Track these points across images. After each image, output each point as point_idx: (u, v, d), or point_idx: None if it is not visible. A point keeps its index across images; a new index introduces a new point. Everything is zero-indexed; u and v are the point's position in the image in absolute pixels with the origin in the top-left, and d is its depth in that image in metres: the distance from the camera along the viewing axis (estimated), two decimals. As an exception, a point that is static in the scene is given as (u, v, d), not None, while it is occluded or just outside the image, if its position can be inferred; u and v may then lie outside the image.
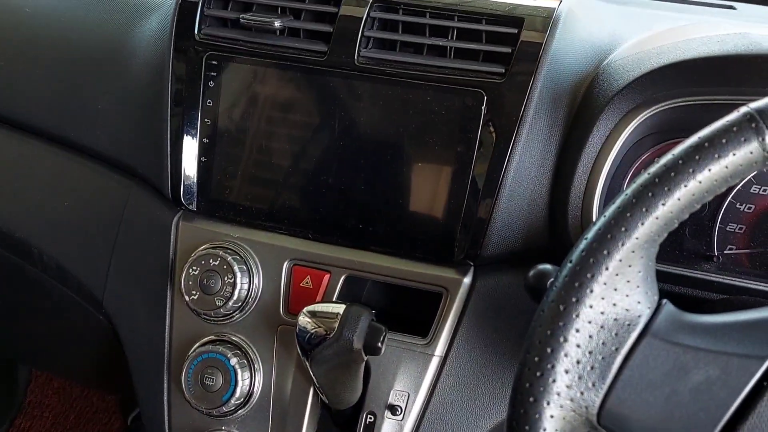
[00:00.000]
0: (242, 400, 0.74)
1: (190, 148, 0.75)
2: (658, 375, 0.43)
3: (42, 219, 0.85)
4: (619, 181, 0.70)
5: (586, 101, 0.69)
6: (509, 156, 0.68)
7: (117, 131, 0.81)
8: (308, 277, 0.74)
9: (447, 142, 0.69)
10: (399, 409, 0.71)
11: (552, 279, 0.47)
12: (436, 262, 0.72)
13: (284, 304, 0.74)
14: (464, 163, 0.69)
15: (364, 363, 0.67)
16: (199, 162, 0.75)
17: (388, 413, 0.71)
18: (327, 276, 0.73)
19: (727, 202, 0.70)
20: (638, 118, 0.66)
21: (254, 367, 0.74)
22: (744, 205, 0.70)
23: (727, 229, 0.70)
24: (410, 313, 0.74)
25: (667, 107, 0.66)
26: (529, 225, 0.70)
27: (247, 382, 0.73)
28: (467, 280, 0.71)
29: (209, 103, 0.74)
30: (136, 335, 0.79)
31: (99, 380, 1.11)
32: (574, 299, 0.44)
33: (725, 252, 0.70)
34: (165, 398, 0.77)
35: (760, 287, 0.65)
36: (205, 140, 0.75)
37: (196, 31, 0.74)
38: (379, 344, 0.64)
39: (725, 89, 0.64)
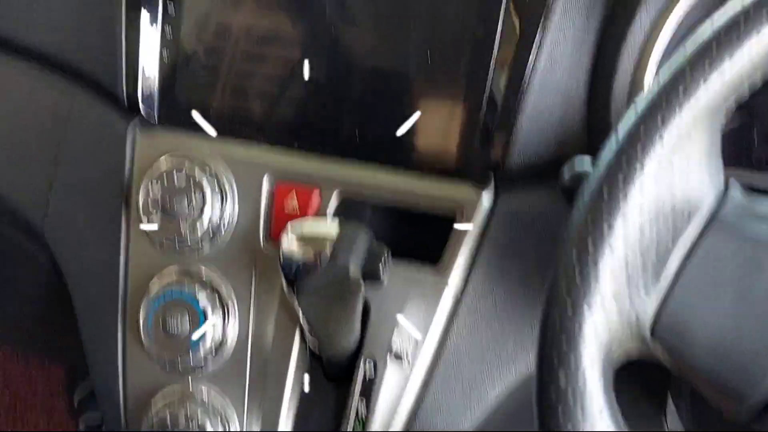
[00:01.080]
0: (213, 348, 0.62)
1: (150, 39, 0.64)
2: (726, 272, 0.37)
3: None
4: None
5: None
6: (539, 41, 0.58)
7: (58, 21, 0.68)
8: (294, 196, 0.62)
9: (461, 25, 0.59)
10: (406, 355, 0.60)
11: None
12: (450, 176, 0.61)
13: (265, 230, 0.63)
14: (484, 51, 0.58)
15: (362, 296, 0.56)
16: (162, 57, 0.64)
17: (392, 360, 0.60)
18: (316, 194, 0.62)
19: None
20: None
21: (228, 308, 0.62)
22: None
23: None
24: (421, 244, 0.63)
25: None
26: (563, 127, 0.60)
27: (219, 326, 0.62)
28: (487, 198, 0.60)
29: (173, -15, 0.63)
30: (83, 270, 0.67)
31: (41, 343, 0.99)
32: (620, 178, 0.37)
33: None
34: (119, 349, 0.65)
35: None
36: (168, 29, 0.64)
37: None
38: (381, 271, 0.55)
39: None
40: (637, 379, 0.58)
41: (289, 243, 0.56)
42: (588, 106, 0.59)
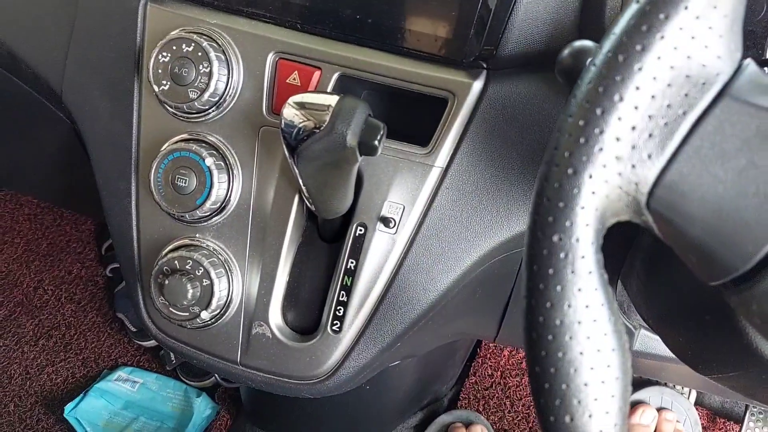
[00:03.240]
0: (218, 205, 0.66)
1: None
2: (734, 144, 0.34)
3: (-11, -2, 0.74)
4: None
5: None
6: None
7: None
8: (295, 73, 0.64)
9: None
10: (392, 222, 0.65)
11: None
12: (444, 63, 0.63)
13: (267, 102, 0.65)
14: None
15: (357, 165, 0.59)
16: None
17: (380, 225, 0.65)
18: (317, 73, 0.64)
19: None
20: None
21: (232, 171, 0.66)
22: None
23: None
24: (411, 128, 0.66)
25: None
26: (557, 19, 0.61)
27: (224, 185, 0.66)
28: (478, 84, 0.62)
29: None
30: (99, 131, 0.70)
31: (68, 197, 1.03)
32: (638, 47, 0.34)
33: None
34: (133, 201, 0.69)
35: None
36: None
37: None
38: (376, 142, 0.55)
39: None
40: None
41: (291, 111, 0.56)
42: (582, 8, 0.60)
